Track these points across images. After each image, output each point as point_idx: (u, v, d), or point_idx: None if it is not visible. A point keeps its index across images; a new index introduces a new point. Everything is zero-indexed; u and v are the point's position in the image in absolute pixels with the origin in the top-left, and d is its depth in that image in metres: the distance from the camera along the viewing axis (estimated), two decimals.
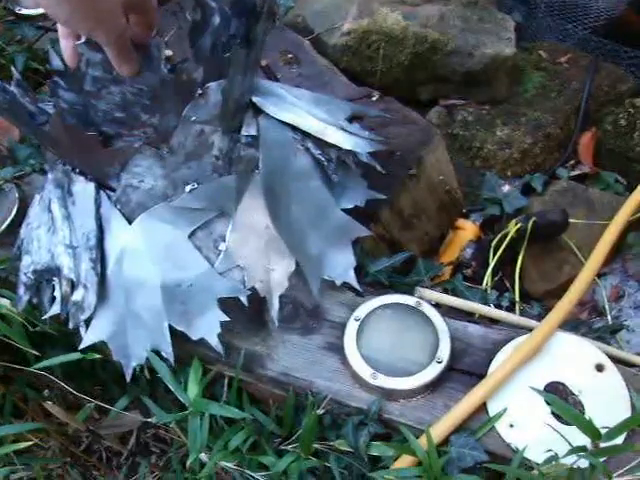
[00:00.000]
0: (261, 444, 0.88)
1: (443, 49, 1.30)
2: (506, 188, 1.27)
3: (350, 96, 1.18)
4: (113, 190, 0.86)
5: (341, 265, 0.89)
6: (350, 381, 0.86)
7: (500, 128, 1.32)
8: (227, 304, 0.86)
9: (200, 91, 0.81)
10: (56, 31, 1.41)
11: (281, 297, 0.90)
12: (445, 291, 1.02)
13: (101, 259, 0.83)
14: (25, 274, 0.88)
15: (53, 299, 0.88)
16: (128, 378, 0.85)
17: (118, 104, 0.83)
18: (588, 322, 1.22)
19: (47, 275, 0.87)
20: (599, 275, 1.25)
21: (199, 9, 0.82)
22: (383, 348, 0.87)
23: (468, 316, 0.96)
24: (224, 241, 0.84)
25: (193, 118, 0.81)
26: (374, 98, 1.16)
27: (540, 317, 1.01)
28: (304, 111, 0.89)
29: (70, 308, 0.85)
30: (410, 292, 0.97)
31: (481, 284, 1.15)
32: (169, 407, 0.93)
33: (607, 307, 1.21)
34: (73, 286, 0.84)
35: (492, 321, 0.96)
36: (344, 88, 1.20)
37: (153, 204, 0.83)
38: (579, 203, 1.26)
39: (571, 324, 1.04)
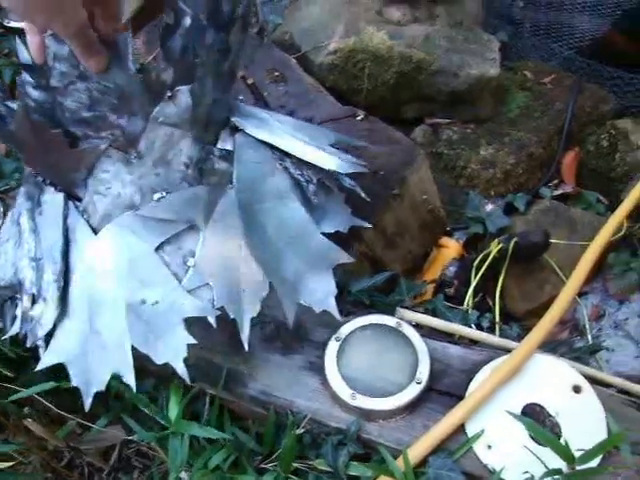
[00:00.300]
0: (241, 462, 0.88)
1: (428, 69, 1.31)
2: (489, 207, 1.29)
3: (335, 115, 1.19)
4: (81, 200, 0.82)
5: (320, 291, 0.85)
6: (330, 401, 0.86)
7: (484, 147, 1.33)
8: (207, 322, 0.83)
9: (170, 93, 0.76)
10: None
11: (261, 316, 0.90)
12: (426, 311, 1.03)
13: (65, 272, 0.78)
14: None
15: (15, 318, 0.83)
16: (87, 407, 0.78)
17: (85, 103, 0.78)
18: (568, 341, 1.23)
19: (10, 292, 0.83)
20: (580, 294, 1.26)
21: (172, 13, 0.77)
22: (363, 368, 0.88)
23: (448, 337, 0.97)
24: (193, 257, 0.79)
25: (161, 119, 0.77)
26: (359, 117, 1.17)
27: (520, 338, 1.03)
28: (286, 133, 0.88)
29: (28, 324, 0.79)
30: (391, 312, 0.98)
31: (463, 303, 1.16)
32: (152, 423, 0.93)
33: (587, 326, 1.23)
34: (34, 301, 0.80)
35: (472, 342, 0.97)
36: (329, 107, 1.21)
37: (120, 213, 0.79)
38: (561, 223, 1.28)
39: (550, 345, 1.05)
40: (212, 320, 0.78)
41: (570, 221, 1.28)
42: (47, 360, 0.79)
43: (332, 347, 0.90)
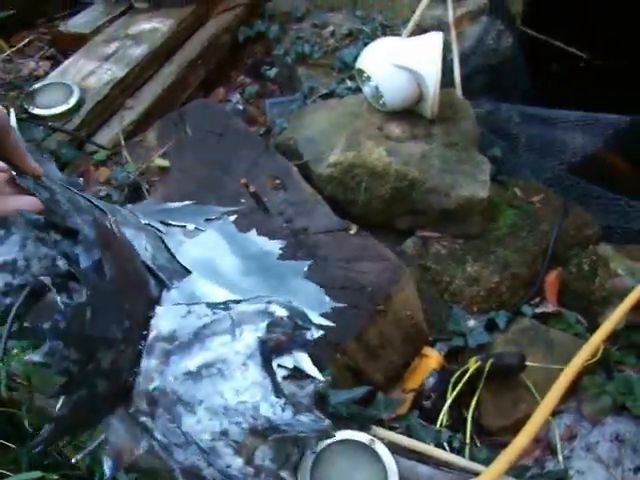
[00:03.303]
0: None
1: (421, 187, 1.39)
2: (471, 322, 1.34)
3: (330, 227, 1.26)
4: None
5: None
6: None
7: (470, 264, 1.40)
8: None
9: None
10: (66, 132, 1.48)
11: None
12: (400, 426, 1.08)
13: None
14: None
15: None
16: None
17: None
18: (540, 460, 1.26)
19: None
20: (554, 413, 1.30)
21: None
22: None
23: (419, 454, 1.02)
24: None
25: None
26: (352, 232, 1.24)
27: (488, 461, 1.07)
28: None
29: None
30: (368, 425, 1.03)
31: (439, 416, 1.20)
32: None
33: (559, 447, 1.26)
34: None
35: (441, 461, 1.01)
36: (325, 218, 1.29)
37: None
38: (539, 343, 1.33)
39: (518, 469, 1.09)
40: None
41: (548, 342, 1.33)
42: None
43: (307, 459, 0.94)
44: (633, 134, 1.87)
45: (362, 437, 0.97)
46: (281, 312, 0.69)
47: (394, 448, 0.98)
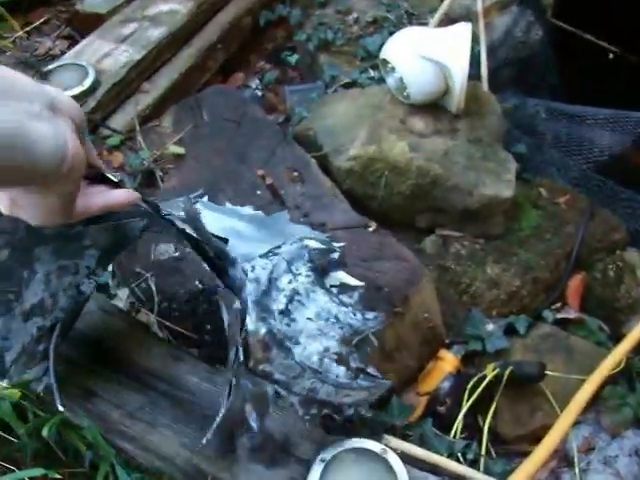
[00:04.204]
0: None
1: (444, 184, 1.34)
2: (490, 327, 1.30)
3: (348, 224, 1.22)
4: None
5: None
6: None
7: (491, 266, 1.35)
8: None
9: None
10: None
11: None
12: (414, 435, 1.04)
13: None
14: None
15: None
16: None
17: None
18: (556, 471, 1.22)
19: None
20: (573, 423, 1.26)
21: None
22: None
23: (433, 465, 0.98)
24: None
25: None
26: (370, 229, 1.20)
27: (503, 474, 1.03)
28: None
29: None
30: (379, 432, 0.99)
31: (453, 423, 1.17)
32: None
33: (576, 459, 1.22)
34: None
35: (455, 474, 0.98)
36: (343, 214, 1.24)
37: None
38: (559, 350, 1.29)
39: None
40: None
41: (569, 349, 1.29)
42: None
43: (316, 469, 0.91)
44: None
45: (374, 446, 0.94)
46: (313, 243, 0.82)
47: (406, 458, 0.95)
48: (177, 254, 1.27)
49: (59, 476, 0.91)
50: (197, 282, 1.22)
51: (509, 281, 1.34)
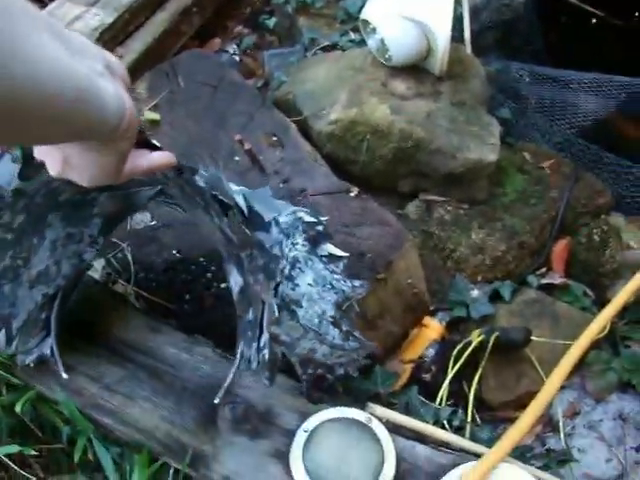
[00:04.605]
0: None
1: (427, 148, 1.31)
2: (475, 293, 1.28)
3: (329, 189, 1.18)
4: None
5: None
6: None
7: (475, 231, 1.33)
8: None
9: None
10: None
11: (232, 396, 0.92)
12: (399, 403, 1.02)
13: None
14: None
15: None
16: None
17: None
18: (541, 436, 1.22)
19: None
20: None
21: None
22: (328, 464, 0.87)
23: (418, 433, 0.96)
24: None
25: None
26: (352, 194, 1.17)
27: (489, 441, 1.02)
28: None
29: None
30: (363, 401, 0.97)
31: (438, 390, 1.15)
32: None
33: (561, 423, 1.21)
34: None
35: (441, 441, 0.96)
36: (324, 179, 1.21)
37: None
38: (545, 316, 1.27)
39: (520, 449, 1.04)
40: None
41: (554, 315, 1.27)
42: None
43: (300, 438, 0.89)
44: None
45: (359, 415, 0.92)
46: (305, 216, 0.83)
47: (392, 426, 0.93)
48: (153, 223, 1.23)
49: (35, 452, 0.89)
50: (174, 251, 1.19)
51: (494, 246, 1.31)
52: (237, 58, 1.87)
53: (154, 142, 0.67)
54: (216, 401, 0.88)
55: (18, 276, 0.87)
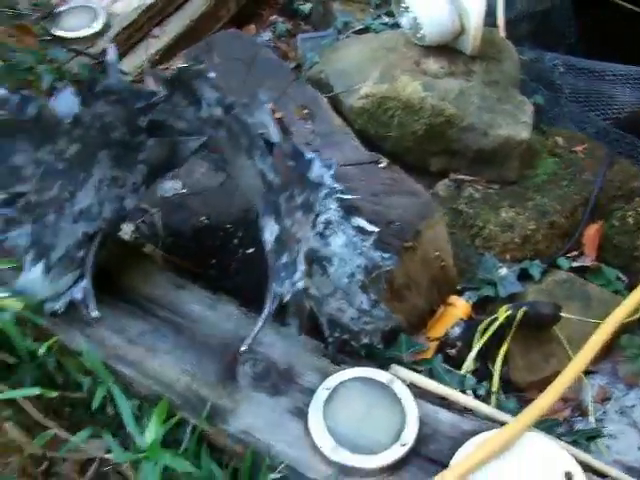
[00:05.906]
0: None
1: (458, 124, 1.30)
2: (503, 271, 1.25)
3: (358, 160, 1.18)
4: None
5: None
6: (310, 451, 0.84)
7: (505, 210, 1.31)
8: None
9: None
10: (89, 55, 1.44)
11: (253, 353, 0.92)
12: (423, 370, 1.00)
13: None
14: None
15: None
16: None
17: None
18: (570, 420, 1.19)
19: None
20: (587, 373, 1.22)
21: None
22: (348, 423, 0.85)
23: (441, 399, 0.94)
24: None
25: None
26: (382, 165, 1.16)
27: (516, 412, 0.99)
28: None
29: None
30: (386, 366, 0.96)
31: (462, 364, 1.13)
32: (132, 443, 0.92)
33: (591, 408, 1.18)
34: None
35: (465, 408, 0.94)
36: (354, 151, 1.21)
37: None
38: (575, 296, 1.24)
39: (548, 423, 1.01)
40: None
41: (585, 296, 1.24)
42: None
43: (320, 396, 0.88)
44: None
45: (381, 376, 0.90)
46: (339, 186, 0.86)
47: (415, 390, 0.91)
48: (184, 191, 1.24)
49: (55, 394, 0.89)
50: (203, 218, 1.20)
51: (524, 224, 1.29)
52: (272, 44, 1.88)
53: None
54: (243, 348, 0.87)
55: (63, 208, 0.88)
